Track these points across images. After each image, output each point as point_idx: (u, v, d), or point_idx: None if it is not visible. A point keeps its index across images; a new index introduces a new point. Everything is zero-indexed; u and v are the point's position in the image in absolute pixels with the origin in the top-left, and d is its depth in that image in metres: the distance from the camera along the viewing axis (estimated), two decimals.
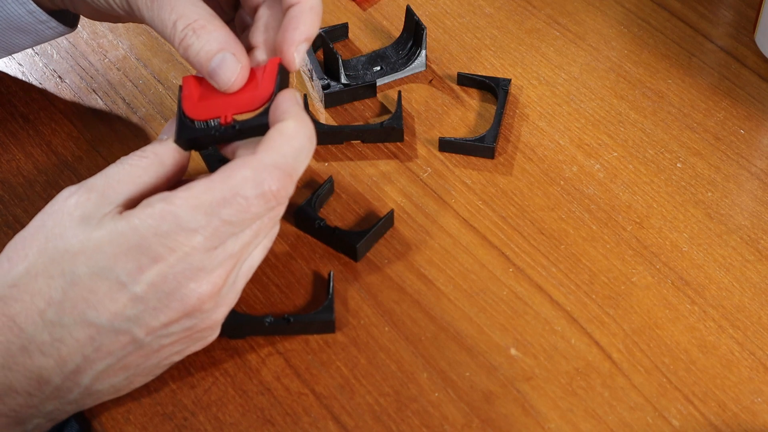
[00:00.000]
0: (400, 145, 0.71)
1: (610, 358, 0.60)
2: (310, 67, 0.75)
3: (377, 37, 0.79)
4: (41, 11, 0.65)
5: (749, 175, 0.70)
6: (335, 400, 0.59)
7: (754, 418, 0.58)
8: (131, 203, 0.54)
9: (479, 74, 0.75)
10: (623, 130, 0.72)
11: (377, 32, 0.79)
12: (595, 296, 0.63)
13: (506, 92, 0.73)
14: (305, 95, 0.74)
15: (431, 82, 0.75)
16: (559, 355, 0.61)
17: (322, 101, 0.74)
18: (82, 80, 0.76)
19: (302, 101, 0.63)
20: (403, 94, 0.74)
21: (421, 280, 0.64)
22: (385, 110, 0.74)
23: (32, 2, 0.65)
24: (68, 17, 0.69)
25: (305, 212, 0.66)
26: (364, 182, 0.69)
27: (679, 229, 0.67)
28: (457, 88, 0.75)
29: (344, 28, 0.79)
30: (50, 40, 0.70)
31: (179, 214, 0.52)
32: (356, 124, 0.73)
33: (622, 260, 0.65)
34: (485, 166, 0.70)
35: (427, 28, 0.75)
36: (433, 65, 0.76)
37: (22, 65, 0.77)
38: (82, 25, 0.79)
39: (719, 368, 0.60)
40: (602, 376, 0.60)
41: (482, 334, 0.62)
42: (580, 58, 0.77)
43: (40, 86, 0.76)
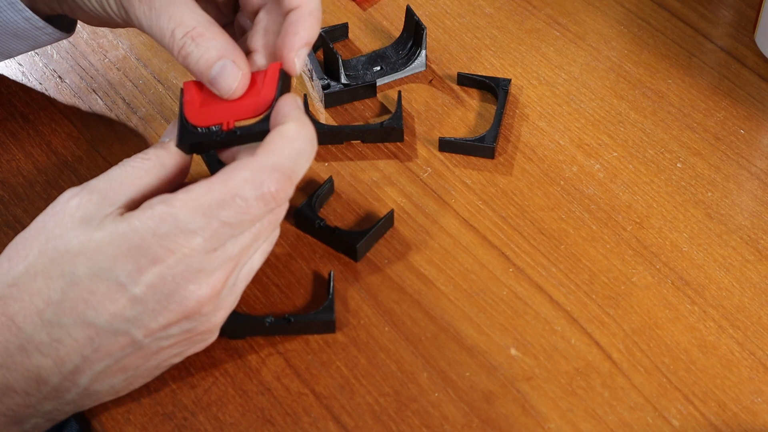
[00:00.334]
0: (400, 145, 0.71)
1: (610, 358, 0.60)
2: (310, 67, 0.75)
3: (377, 37, 0.79)
4: (38, 18, 0.65)
5: (749, 175, 0.70)
6: (335, 400, 0.59)
7: (754, 418, 0.58)
8: (133, 205, 0.54)
9: (479, 74, 0.75)
10: (623, 130, 0.72)
11: (377, 32, 0.79)
12: (595, 296, 0.63)
13: (506, 92, 0.73)
14: (305, 95, 0.74)
15: (431, 82, 0.75)
16: (559, 355, 0.61)
17: (322, 101, 0.74)
18: (82, 80, 0.76)
19: (303, 105, 0.63)
20: (403, 94, 0.74)
21: (421, 280, 0.64)
22: (385, 110, 0.74)
23: (29, 9, 0.64)
24: (66, 22, 0.69)
25: (305, 212, 0.66)
26: (364, 182, 0.69)
27: (679, 229, 0.66)
28: (457, 88, 0.75)
29: (344, 28, 0.79)
30: (47, 45, 0.70)
31: (178, 215, 0.52)
32: (356, 124, 0.73)
33: (622, 260, 0.65)
34: (485, 166, 0.70)
35: (427, 28, 0.75)
36: (433, 65, 0.76)
37: (22, 65, 0.77)
38: (81, 25, 0.79)
39: (719, 368, 0.60)
40: (602, 376, 0.60)
41: (482, 334, 0.61)
42: (580, 58, 0.77)
43: (40, 86, 0.76)
